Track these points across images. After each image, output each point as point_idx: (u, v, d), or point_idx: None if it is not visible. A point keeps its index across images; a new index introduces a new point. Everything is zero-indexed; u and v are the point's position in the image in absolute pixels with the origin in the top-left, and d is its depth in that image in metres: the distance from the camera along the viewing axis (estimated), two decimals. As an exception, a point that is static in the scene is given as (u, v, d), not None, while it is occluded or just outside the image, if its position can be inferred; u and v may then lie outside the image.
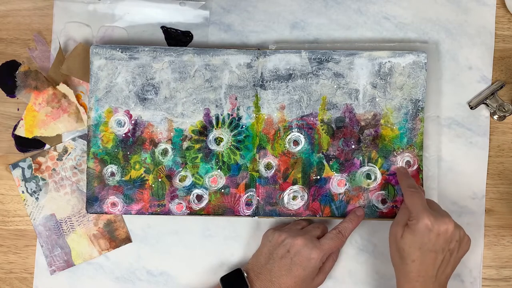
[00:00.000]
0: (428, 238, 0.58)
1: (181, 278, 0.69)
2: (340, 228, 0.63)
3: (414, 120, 0.66)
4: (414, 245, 0.58)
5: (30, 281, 0.69)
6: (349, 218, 0.65)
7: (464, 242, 0.60)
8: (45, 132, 0.68)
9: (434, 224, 0.57)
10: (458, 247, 0.59)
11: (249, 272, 0.63)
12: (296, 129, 0.66)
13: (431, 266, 0.58)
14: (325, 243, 0.62)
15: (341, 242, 0.63)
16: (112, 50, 0.66)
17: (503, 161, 0.69)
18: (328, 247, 0.62)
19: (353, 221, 0.64)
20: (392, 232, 0.61)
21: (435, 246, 0.58)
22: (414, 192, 0.60)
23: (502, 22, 0.70)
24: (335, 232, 0.63)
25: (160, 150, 0.66)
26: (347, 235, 0.63)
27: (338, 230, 0.63)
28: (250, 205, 0.66)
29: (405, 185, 0.62)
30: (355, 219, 0.65)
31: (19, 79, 0.68)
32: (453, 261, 0.60)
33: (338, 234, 0.63)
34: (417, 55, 0.65)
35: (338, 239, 0.63)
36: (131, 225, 0.69)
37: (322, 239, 0.62)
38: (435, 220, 0.58)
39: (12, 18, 0.70)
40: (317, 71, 0.66)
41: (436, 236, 0.58)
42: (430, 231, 0.57)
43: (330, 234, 0.63)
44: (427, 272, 0.58)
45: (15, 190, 0.69)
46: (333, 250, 0.63)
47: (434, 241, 0.58)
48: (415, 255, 0.58)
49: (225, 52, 0.66)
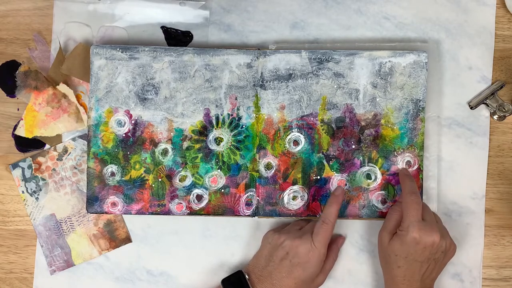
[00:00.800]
0: (415, 250, 0.59)
1: (181, 278, 0.69)
2: (323, 217, 0.63)
3: (414, 120, 0.66)
4: (400, 254, 0.60)
5: (30, 281, 0.69)
6: (329, 202, 0.64)
7: (449, 250, 0.62)
8: (45, 132, 0.68)
9: (422, 237, 0.59)
10: (443, 256, 0.61)
11: (250, 274, 0.63)
12: (296, 129, 0.66)
13: (417, 273, 0.60)
14: (316, 238, 0.61)
15: (329, 230, 0.62)
16: (112, 50, 0.66)
17: (503, 161, 0.69)
18: (320, 240, 0.61)
19: (334, 203, 0.63)
20: (380, 237, 0.63)
21: (421, 257, 0.60)
22: (414, 200, 0.61)
23: (502, 22, 0.70)
24: (319, 224, 0.62)
25: (160, 150, 0.66)
26: (332, 221, 0.62)
27: (322, 220, 0.62)
28: (250, 205, 0.66)
29: (407, 190, 0.62)
30: (335, 200, 0.64)
31: (19, 79, 0.68)
32: (437, 267, 0.62)
33: (322, 224, 0.62)
34: (418, 55, 0.65)
35: (324, 230, 0.62)
36: (131, 225, 0.69)
37: (313, 236, 0.62)
38: (424, 234, 0.59)
39: (12, 18, 0.70)
40: (317, 71, 0.66)
41: (423, 248, 0.59)
42: (417, 244, 0.59)
43: (316, 228, 0.62)
44: (413, 277, 0.60)
45: (15, 190, 0.69)
46: (326, 241, 0.62)
47: (420, 253, 0.59)
48: (400, 262, 0.60)
49: (225, 52, 0.66)
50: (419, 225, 0.59)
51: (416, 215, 0.60)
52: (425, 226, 0.59)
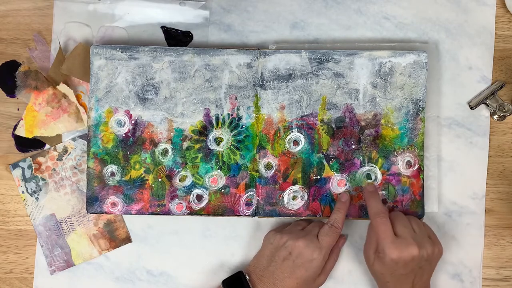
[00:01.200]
0: (397, 267, 0.59)
1: (181, 278, 0.69)
2: (332, 221, 0.63)
3: (415, 120, 0.66)
4: (385, 272, 0.60)
5: (30, 281, 0.69)
6: (336, 208, 0.65)
7: (433, 256, 0.61)
8: (45, 132, 0.68)
9: (399, 256, 0.58)
10: (429, 263, 0.61)
11: (251, 275, 0.63)
12: (296, 129, 0.66)
13: (406, 283, 0.60)
14: (322, 240, 0.62)
15: (337, 234, 0.63)
16: (112, 50, 0.66)
17: (503, 161, 0.69)
18: (327, 244, 0.62)
19: (341, 209, 0.64)
20: (365, 256, 0.63)
21: (405, 270, 0.59)
22: (380, 222, 0.60)
23: (502, 22, 0.70)
24: (327, 227, 0.63)
25: (160, 150, 0.66)
26: (340, 226, 0.63)
27: (330, 224, 0.63)
28: (250, 205, 0.66)
29: (372, 212, 0.62)
30: (342, 207, 0.65)
31: (19, 79, 0.68)
32: (426, 273, 0.62)
33: (331, 227, 0.63)
34: (418, 55, 0.65)
35: (332, 233, 0.63)
36: (131, 225, 0.69)
37: (319, 236, 0.63)
38: (400, 252, 0.58)
39: (12, 18, 0.70)
40: (317, 71, 0.66)
41: (404, 264, 0.59)
42: (397, 263, 0.59)
43: (324, 230, 0.63)
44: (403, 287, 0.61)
45: (15, 190, 0.69)
46: (332, 245, 0.63)
47: (403, 268, 0.59)
48: (387, 278, 0.61)
49: (225, 52, 0.66)
50: (393, 244, 0.59)
51: (387, 236, 0.59)
52: (400, 244, 0.59)
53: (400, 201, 0.66)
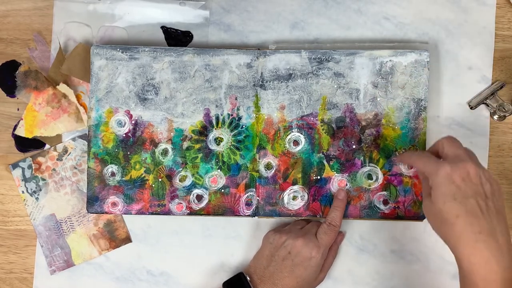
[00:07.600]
0: (456, 186, 0.52)
1: (181, 278, 0.69)
2: (330, 220, 0.64)
3: (416, 120, 0.66)
4: (447, 199, 0.52)
5: (30, 281, 0.69)
6: (334, 206, 0.65)
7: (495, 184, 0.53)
8: (45, 132, 0.68)
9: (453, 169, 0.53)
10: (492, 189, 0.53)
11: (252, 275, 0.63)
12: (296, 129, 0.66)
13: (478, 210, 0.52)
14: (321, 239, 0.63)
15: (335, 232, 0.63)
16: (113, 51, 0.66)
17: (503, 161, 0.69)
18: (325, 242, 0.63)
19: (339, 207, 0.64)
20: (425, 205, 0.56)
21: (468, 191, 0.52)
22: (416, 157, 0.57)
23: (502, 22, 0.70)
24: (326, 225, 0.63)
25: (160, 150, 0.66)
26: (338, 224, 0.64)
27: (328, 222, 0.64)
28: (250, 205, 0.66)
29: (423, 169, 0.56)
30: (340, 204, 0.65)
31: (19, 79, 0.68)
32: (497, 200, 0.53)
33: (330, 226, 0.63)
34: (419, 54, 0.65)
35: (331, 231, 0.63)
36: (131, 225, 0.69)
37: (318, 235, 0.63)
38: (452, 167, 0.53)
39: (12, 18, 0.70)
40: (317, 71, 0.66)
41: (462, 181, 0.52)
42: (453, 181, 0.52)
43: (322, 229, 0.63)
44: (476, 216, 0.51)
45: (15, 190, 0.69)
46: (330, 243, 0.63)
47: (463, 187, 0.52)
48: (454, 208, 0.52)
49: (225, 52, 0.66)
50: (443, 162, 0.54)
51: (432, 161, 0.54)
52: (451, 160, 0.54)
53: (402, 201, 0.66)
